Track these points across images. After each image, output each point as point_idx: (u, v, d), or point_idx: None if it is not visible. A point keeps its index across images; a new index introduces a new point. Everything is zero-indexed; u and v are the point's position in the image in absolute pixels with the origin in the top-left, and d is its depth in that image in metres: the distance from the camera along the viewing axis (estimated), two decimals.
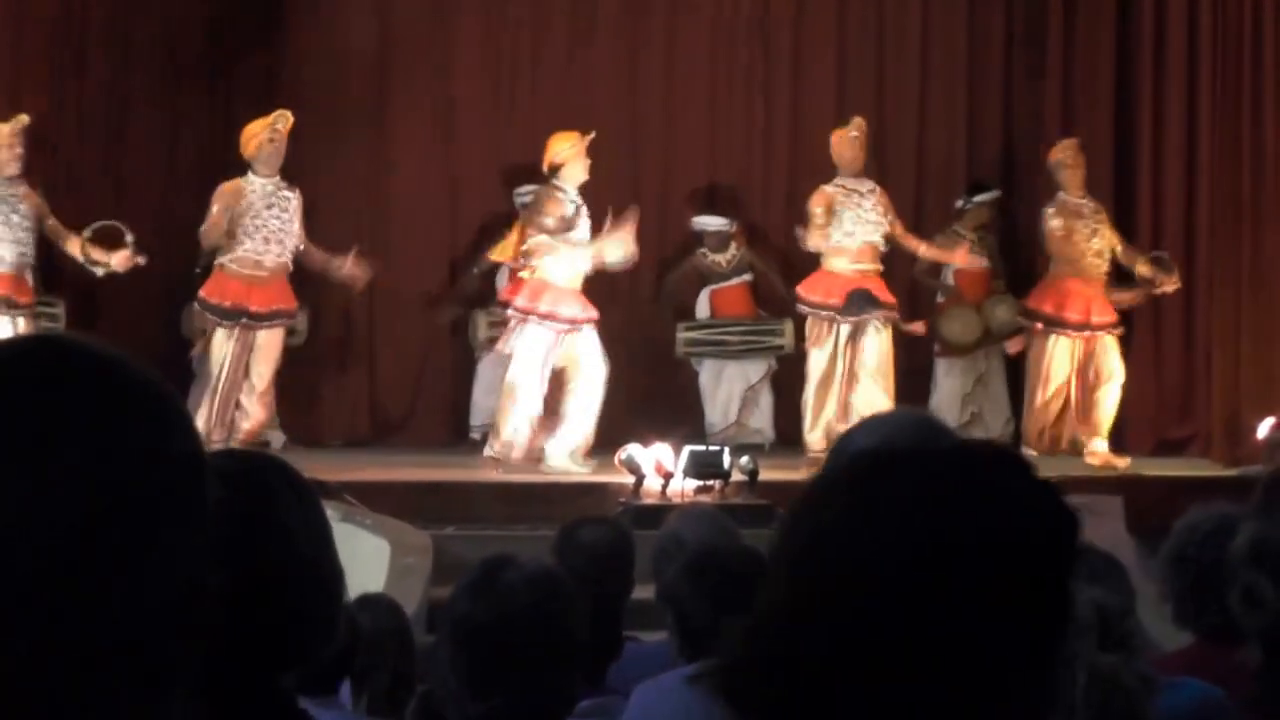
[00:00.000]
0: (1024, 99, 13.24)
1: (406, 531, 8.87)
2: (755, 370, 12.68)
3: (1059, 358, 11.62)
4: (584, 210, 10.89)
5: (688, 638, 3.96)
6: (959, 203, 12.57)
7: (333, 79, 12.75)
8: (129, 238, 10.65)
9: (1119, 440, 11.72)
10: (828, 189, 11.32)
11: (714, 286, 12.64)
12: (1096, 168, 12.04)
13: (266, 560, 2.05)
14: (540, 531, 8.58)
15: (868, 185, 11.41)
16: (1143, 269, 11.61)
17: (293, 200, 10.94)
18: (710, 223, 12.69)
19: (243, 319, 10.78)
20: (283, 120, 10.90)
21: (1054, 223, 11.57)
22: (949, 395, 12.50)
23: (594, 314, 10.89)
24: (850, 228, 11.26)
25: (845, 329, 11.24)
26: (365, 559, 7.86)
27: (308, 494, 2.18)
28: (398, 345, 12.90)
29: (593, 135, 10.93)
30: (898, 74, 13.34)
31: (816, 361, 11.30)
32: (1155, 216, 12.53)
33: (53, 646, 1.19)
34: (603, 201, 10.98)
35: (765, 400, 12.70)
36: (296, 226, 10.92)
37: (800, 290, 11.45)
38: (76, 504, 1.20)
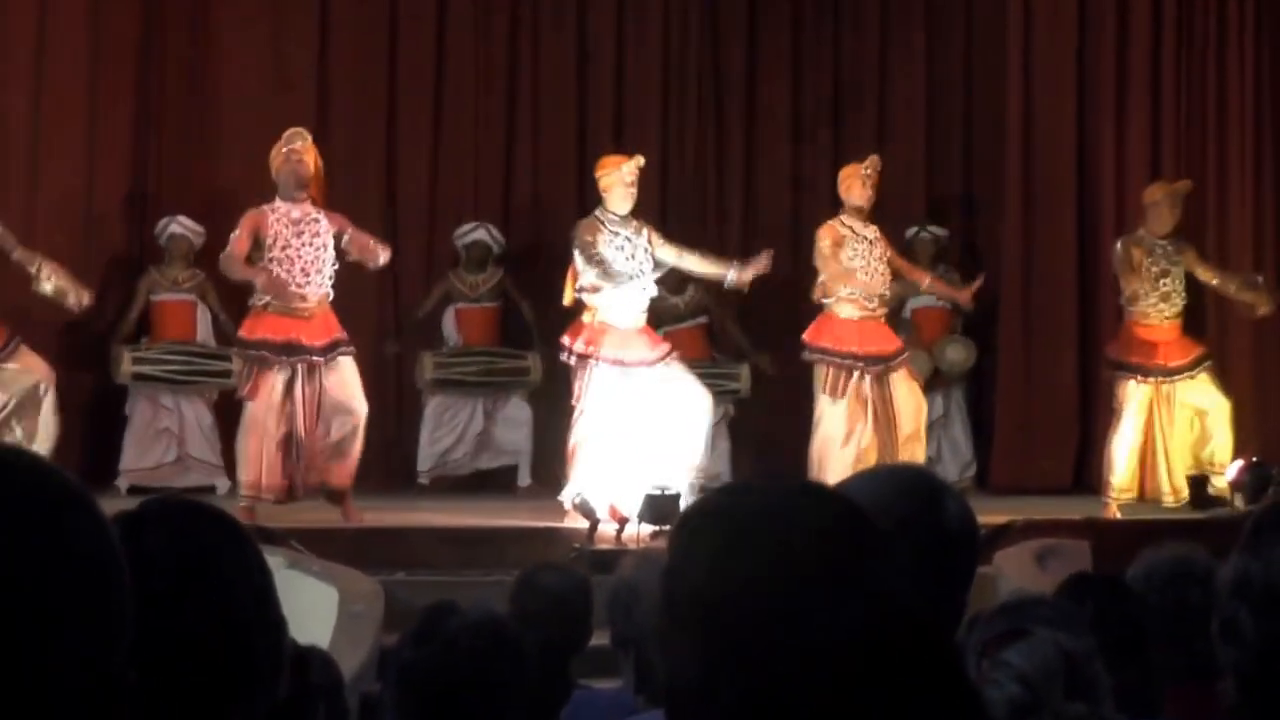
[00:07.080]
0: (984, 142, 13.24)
1: (356, 578, 8.73)
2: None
3: None
4: (639, 239, 10.35)
5: (648, 682, 3.89)
6: (911, 231, 12.52)
7: None
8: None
9: (1085, 483, 11.69)
10: (836, 225, 10.65)
11: (668, 328, 12.11)
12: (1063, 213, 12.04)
13: (201, 606, 2.01)
14: (494, 577, 8.48)
15: (873, 231, 10.73)
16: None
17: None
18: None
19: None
20: (299, 139, 10.20)
21: None
22: None
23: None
24: (861, 274, 10.56)
25: (867, 379, 10.55)
26: (313, 606, 7.72)
27: (243, 539, 2.10)
28: None
29: (640, 161, 10.40)
30: (855, 103, 13.32)
31: (833, 416, 10.59)
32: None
33: None
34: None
35: (722, 445, 12.47)
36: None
37: (809, 337, 10.71)
38: None
